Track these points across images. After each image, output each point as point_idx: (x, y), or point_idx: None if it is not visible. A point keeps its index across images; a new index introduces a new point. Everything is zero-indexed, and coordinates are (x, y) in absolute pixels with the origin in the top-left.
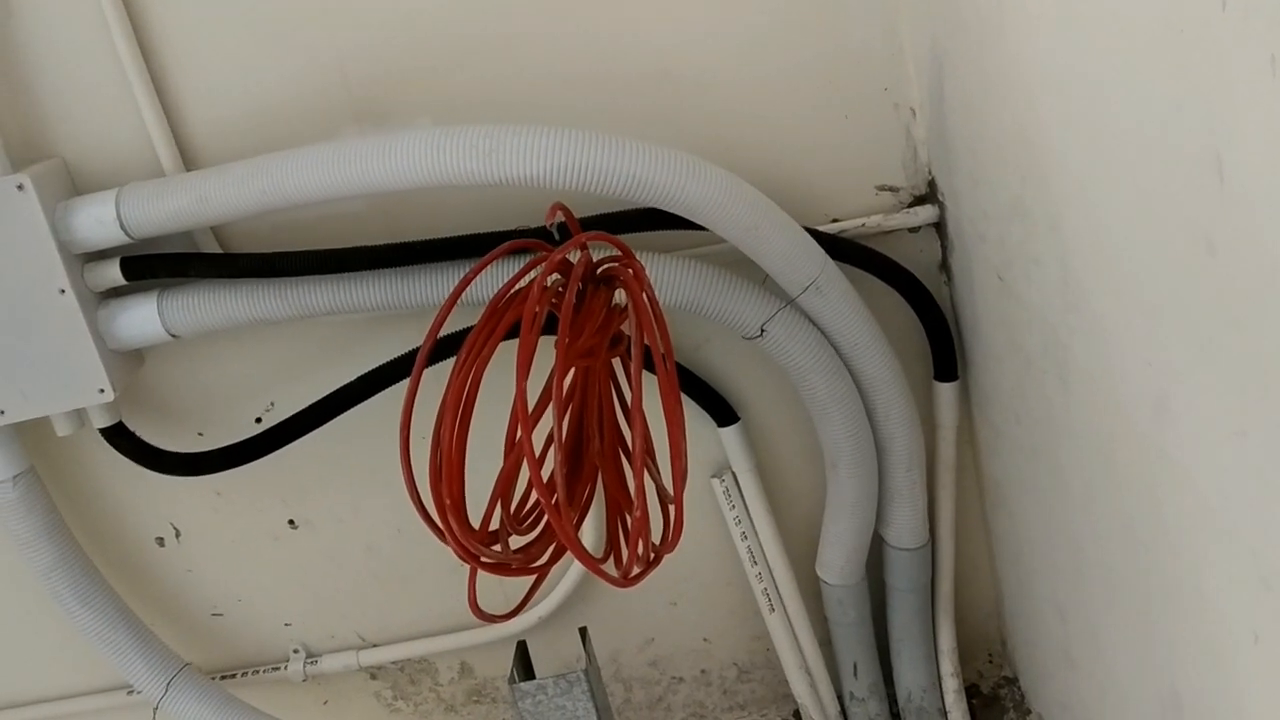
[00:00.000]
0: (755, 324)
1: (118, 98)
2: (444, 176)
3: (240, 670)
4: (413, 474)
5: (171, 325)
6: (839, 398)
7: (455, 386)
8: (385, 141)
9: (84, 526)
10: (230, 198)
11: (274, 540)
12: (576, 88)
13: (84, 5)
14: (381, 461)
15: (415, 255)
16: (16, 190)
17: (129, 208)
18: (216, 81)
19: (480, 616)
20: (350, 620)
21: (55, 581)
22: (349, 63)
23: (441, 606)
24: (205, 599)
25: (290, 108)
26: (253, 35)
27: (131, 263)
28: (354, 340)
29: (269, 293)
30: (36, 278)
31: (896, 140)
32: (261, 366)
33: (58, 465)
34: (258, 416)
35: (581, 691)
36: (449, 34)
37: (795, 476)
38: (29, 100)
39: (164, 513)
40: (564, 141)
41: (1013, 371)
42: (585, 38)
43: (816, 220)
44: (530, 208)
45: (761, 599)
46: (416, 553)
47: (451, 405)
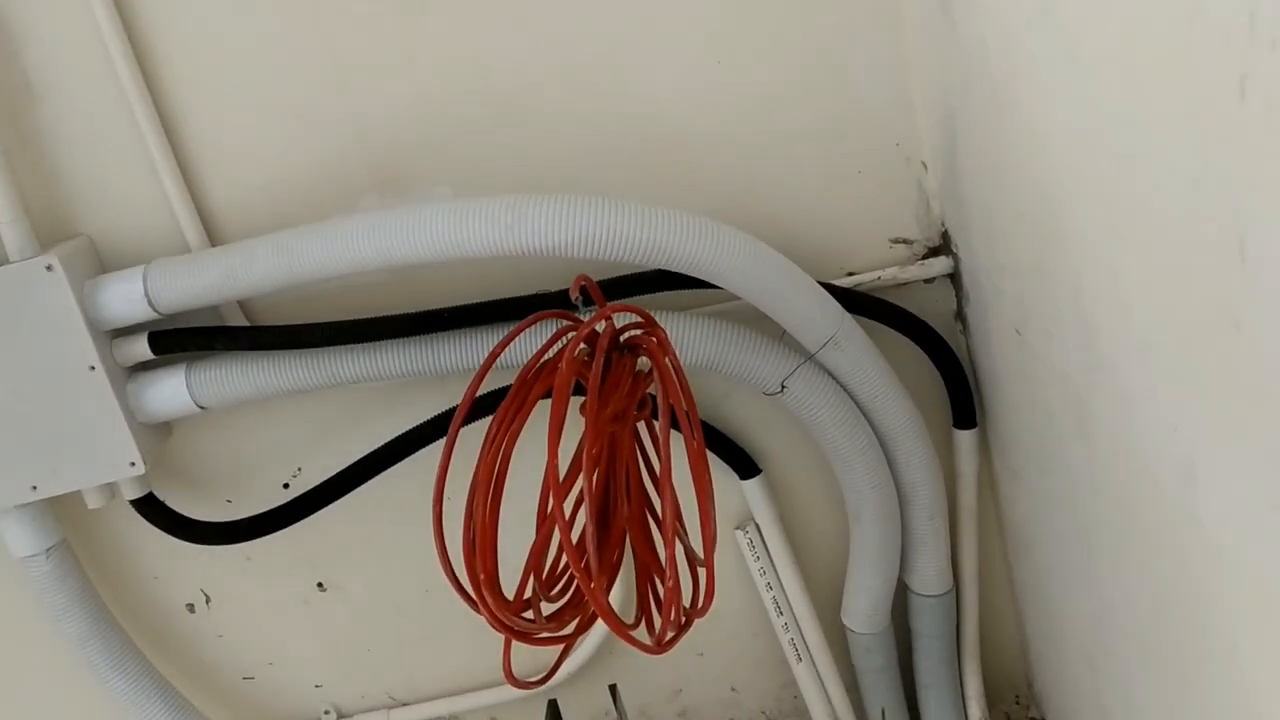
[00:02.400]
0: (775, 380)
1: (141, 176)
2: (466, 249)
3: None
4: (445, 546)
5: (199, 398)
6: (860, 449)
7: (487, 461)
8: (407, 215)
9: (116, 595)
10: (256, 273)
11: (303, 603)
12: (591, 153)
13: (106, 86)
14: (408, 524)
15: (437, 324)
16: (45, 271)
17: (156, 284)
18: (238, 157)
19: (516, 684)
20: (380, 680)
21: (90, 651)
22: (367, 133)
23: (470, 664)
24: (237, 664)
25: (311, 179)
26: (272, 110)
27: (159, 337)
28: (377, 406)
29: (294, 363)
30: (66, 355)
31: (909, 194)
32: (288, 433)
33: (89, 536)
34: (285, 482)
35: None
36: (466, 103)
37: (818, 526)
38: (55, 181)
39: (194, 580)
40: (584, 211)
41: (1033, 423)
42: (598, 105)
43: (832, 274)
44: (548, 271)
45: (788, 649)
46: (444, 612)
47: (484, 480)
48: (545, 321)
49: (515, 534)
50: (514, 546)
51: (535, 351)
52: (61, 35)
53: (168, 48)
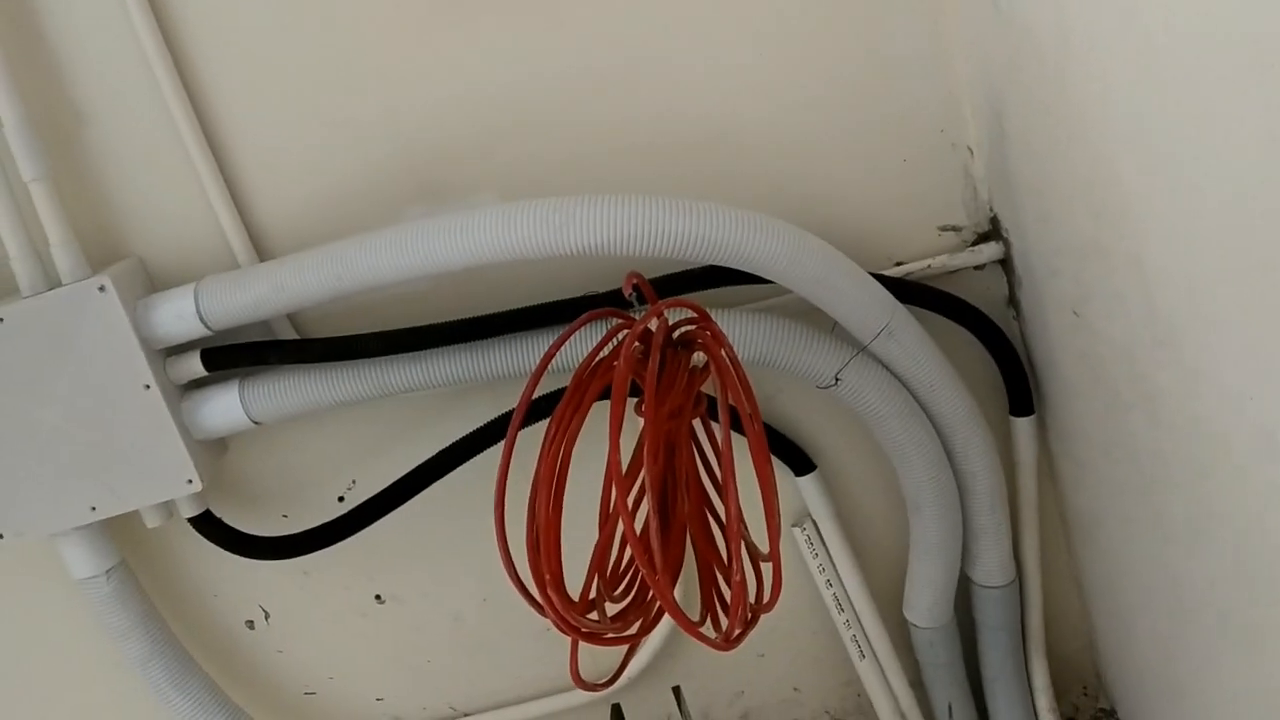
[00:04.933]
0: (829, 373)
1: (188, 194)
2: (516, 252)
3: None
4: (508, 550)
5: (254, 412)
6: (917, 441)
7: (547, 461)
8: (455, 221)
9: (176, 614)
10: (306, 285)
11: (362, 616)
12: (634, 154)
13: (151, 108)
14: (463, 533)
15: (487, 329)
16: (98, 292)
17: (207, 301)
18: (283, 171)
19: (582, 687)
20: (441, 691)
21: (152, 671)
22: (410, 143)
23: (530, 672)
24: (298, 679)
25: (355, 191)
26: (316, 124)
27: (212, 354)
28: (428, 415)
29: (346, 375)
30: (121, 375)
31: (956, 180)
32: (341, 446)
33: (147, 556)
34: (340, 495)
35: None
36: (508, 109)
37: (876, 521)
38: (103, 203)
39: (253, 596)
40: (632, 209)
41: (1095, 405)
42: (640, 105)
43: (881, 265)
44: (593, 272)
45: (851, 646)
46: (502, 621)
47: (545, 480)
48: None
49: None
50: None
51: (589, 351)
52: (106, 59)
53: (211, 67)
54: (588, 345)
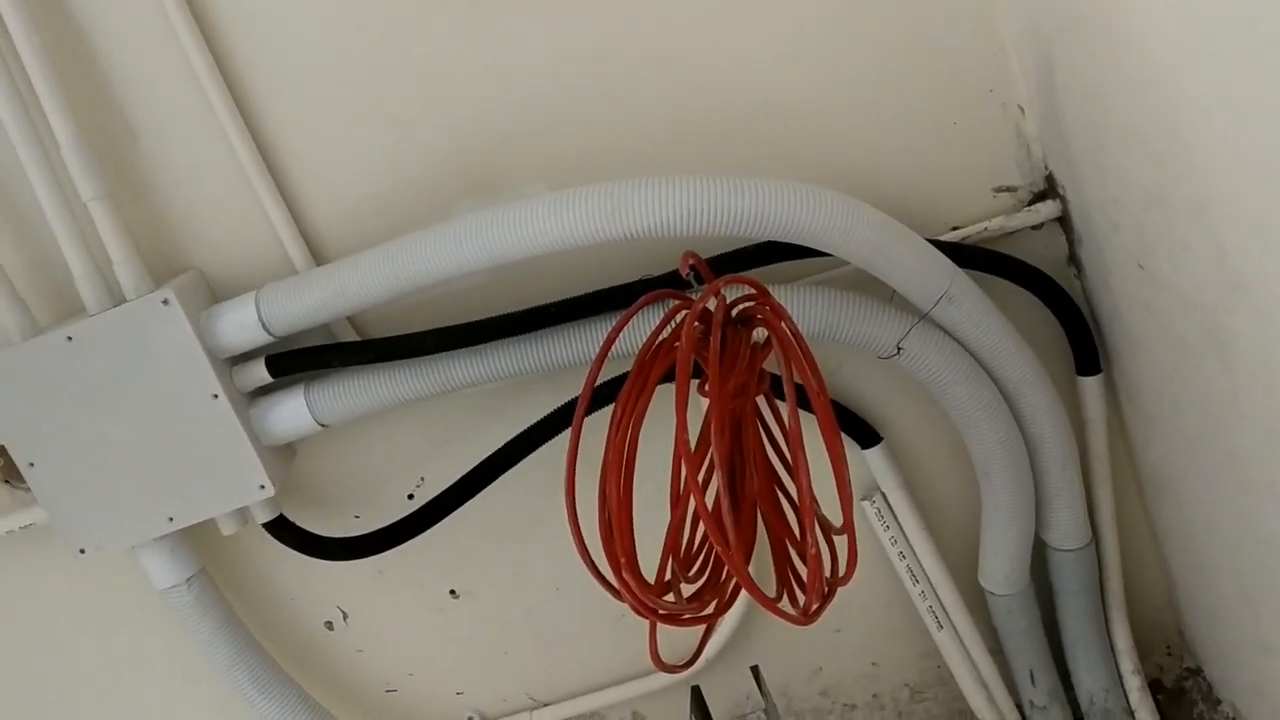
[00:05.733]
0: (890, 343)
1: (243, 204)
2: (570, 240)
3: None
4: (581, 535)
5: (320, 415)
6: (985, 405)
7: (615, 444)
8: (508, 213)
9: (255, 618)
10: (364, 286)
11: (438, 612)
12: (681, 132)
13: (203, 121)
14: (532, 523)
15: (544, 320)
16: (162, 305)
17: (268, 308)
18: (334, 176)
19: (662, 668)
20: (519, 682)
21: (236, 675)
22: (457, 139)
23: (606, 659)
24: (378, 677)
25: (406, 190)
26: (363, 127)
27: (276, 360)
28: (491, 409)
29: (408, 373)
30: (189, 386)
31: (1008, 140)
32: (408, 444)
33: (226, 563)
34: (409, 493)
35: None
36: (553, 97)
37: (946, 489)
38: (161, 217)
39: (330, 597)
40: (685, 189)
41: (1165, 358)
42: (683, 82)
43: (937, 230)
44: (646, 256)
45: (928, 617)
46: (576, 609)
47: (614, 463)
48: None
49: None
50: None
51: (650, 333)
52: (156, 76)
53: (257, 75)
54: (647, 328)
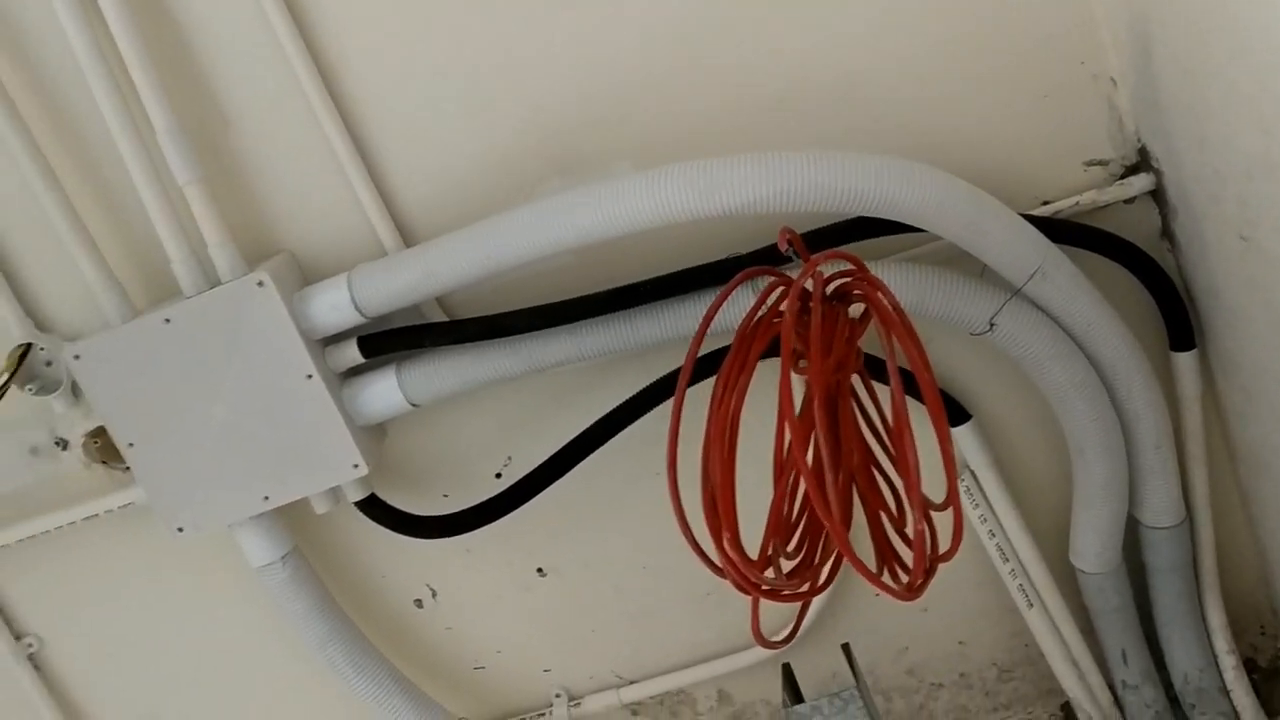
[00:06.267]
0: (983, 319)
1: (334, 186)
2: (664, 218)
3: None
4: (683, 510)
5: (412, 395)
6: (1079, 383)
7: (717, 421)
8: (601, 191)
9: (346, 596)
10: (456, 267)
11: (525, 590)
12: (767, 108)
13: (293, 104)
14: (620, 502)
15: (635, 298)
16: (257, 287)
17: (361, 289)
18: (422, 157)
19: (763, 644)
20: (606, 660)
21: (330, 652)
22: (543, 119)
23: (693, 637)
24: (466, 654)
25: (493, 170)
26: (451, 108)
27: (368, 341)
28: (578, 388)
29: (499, 352)
30: (284, 367)
31: (1099, 113)
32: (495, 424)
33: (318, 541)
34: (497, 472)
35: (857, 709)
36: (636, 76)
37: (1036, 467)
38: (253, 201)
39: (419, 575)
40: (779, 166)
41: (1267, 332)
42: (770, 58)
43: (1027, 205)
44: (726, 233)
45: (1018, 595)
46: (663, 587)
47: (716, 440)
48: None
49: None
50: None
51: (747, 310)
52: (248, 60)
53: (347, 58)
54: (738, 305)
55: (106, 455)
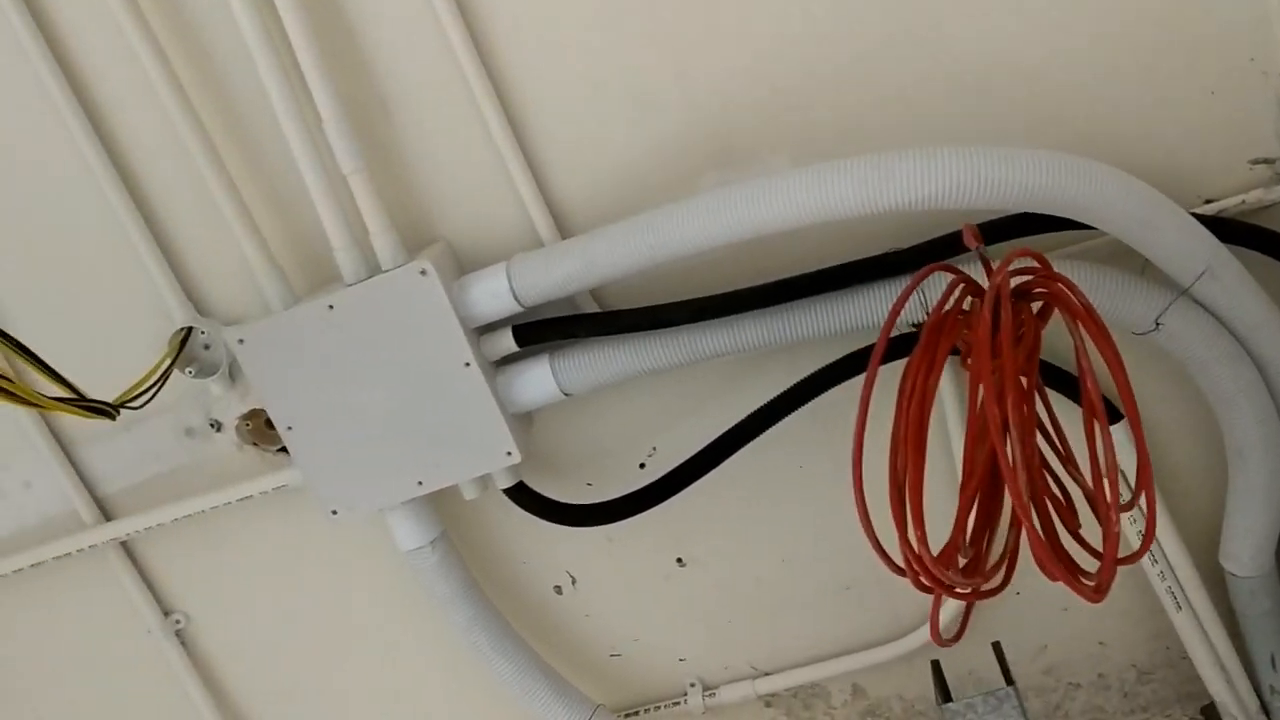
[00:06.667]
0: (1149, 319)
1: (492, 177)
2: (832, 212)
3: (641, 707)
4: (866, 506)
5: (565, 385)
6: (1245, 386)
7: (908, 417)
8: (769, 184)
9: (488, 582)
10: (618, 259)
11: (665, 579)
12: (927, 106)
13: (456, 94)
14: (762, 496)
15: (792, 292)
16: (420, 275)
17: (520, 278)
18: (581, 148)
19: (940, 642)
20: (742, 651)
21: (475, 636)
22: (702, 112)
23: (829, 631)
24: (604, 641)
25: (650, 163)
26: (611, 100)
27: (523, 330)
28: (724, 381)
29: (654, 344)
30: (443, 354)
31: (1268, 110)
32: (641, 414)
33: (463, 527)
34: (641, 462)
35: (1012, 707)
36: (797, 71)
37: (1188, 468)
38: (412, 189)
39: (560, 562)
40: (952, 161)
41: None
42: (931, 55)
43: (1189, 203)
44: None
45: (1165, 597)
46: (801, 580)
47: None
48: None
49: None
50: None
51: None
52: (412, 50)
53: (510, 49)
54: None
55: (258, 438)
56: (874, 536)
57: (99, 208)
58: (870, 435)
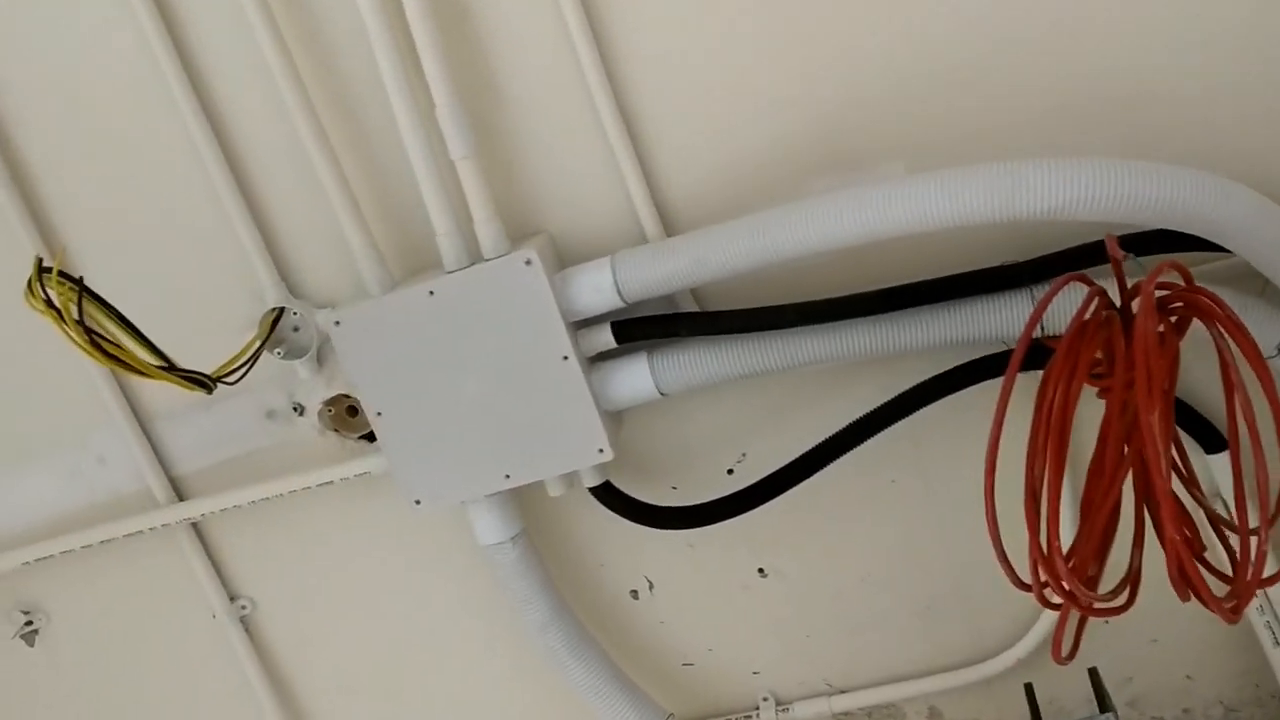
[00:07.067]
0: (1270, 344)
1: (603, 172)
2: (960, 219)
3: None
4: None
5: (662, 384)
6: None
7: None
8: (894, 189)
9: (564, 582)
10: (729, 258)
11: (744, 589)
12: (1046, 119)
13: (570, 84)
14: (848, 510)
15: (907, 299)
16: (524, 265)
17: (625, 273)
18: (692, 145)
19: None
20: (818, 667)
21: (550, 637)
22: (818, 113)
23: (908, 651)
24: (677, 649)
25: (761, 164)
26: (726, 95)
27: (623, 326)
28: (819, 389)
29: (756, 346)
30: (542, 347)
31: None
32: (733, 418)
33: (542, 525)
34: (729, 468)
35: None
36: (917, 76)
37: None
38: (518, 180)
39: (638, 566)
40: (1090, 172)
41: None
42: (1054, 67)
43: None
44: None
45: (1263, 632)
46: (882, 599)
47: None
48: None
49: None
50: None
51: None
52: (529, 38)
53: (627, 45)
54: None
55: (340, 424)
56: (1000, 545)
57: (200, 181)
58: (967, 451)
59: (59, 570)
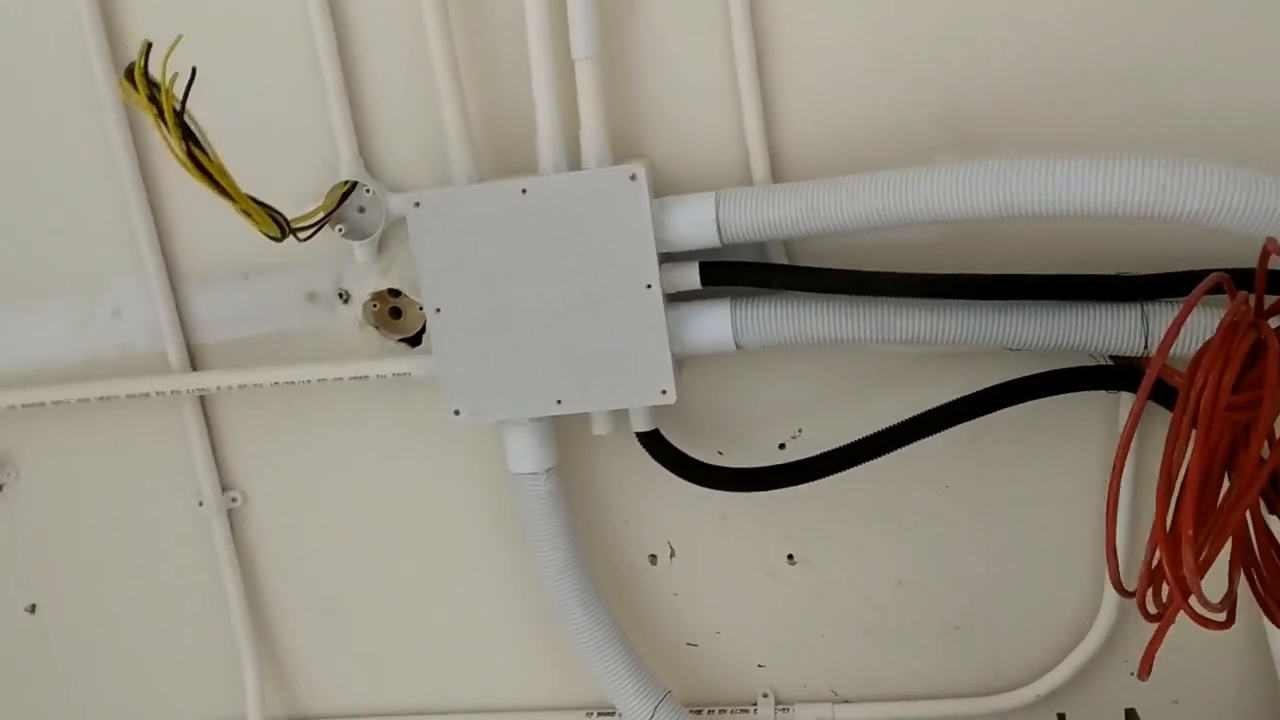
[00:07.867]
0: None
1: (722, 104)
2: (1105, 208)
3: (707, 707)
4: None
5: (741, 336)
6: None
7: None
8: (1043, 164)
9: (584, 533)
10: (844, 210)
11: (768, 575)
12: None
13: (710, 9)
14: (893, 508)
15: (1017, 290)
16: (629, 180)
17: (729, 211)
18: (820, 95)
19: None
20: (827, 671)
21: (565, 583)
22: (954, 92)
23: (926, 668)
24: (684, 627)
25: (884, 130)
26: (864, 57)
27: (711, 268)
28: (894, 375)
29: (847, 311)
30: (628, 270)
31: None
32: (795, 390)
33: (574, 466)
34: (782, 443)
35: None
36: (1059, 74)
37: None
38: (633, 96)
39: (664, 529)
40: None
41: None
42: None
43: None
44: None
45: None
46: (911, 609)
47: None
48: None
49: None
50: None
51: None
52: None
53: None
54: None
55: (382, 322)
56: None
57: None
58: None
59: (43, 423)
